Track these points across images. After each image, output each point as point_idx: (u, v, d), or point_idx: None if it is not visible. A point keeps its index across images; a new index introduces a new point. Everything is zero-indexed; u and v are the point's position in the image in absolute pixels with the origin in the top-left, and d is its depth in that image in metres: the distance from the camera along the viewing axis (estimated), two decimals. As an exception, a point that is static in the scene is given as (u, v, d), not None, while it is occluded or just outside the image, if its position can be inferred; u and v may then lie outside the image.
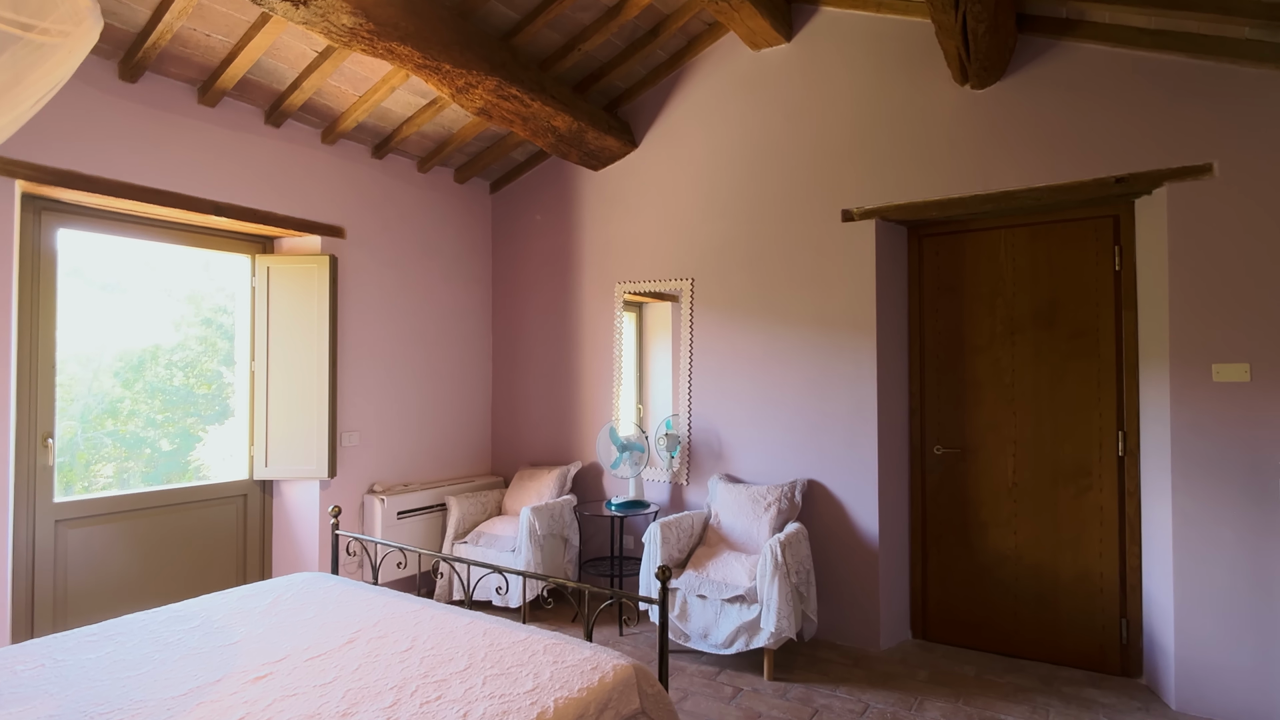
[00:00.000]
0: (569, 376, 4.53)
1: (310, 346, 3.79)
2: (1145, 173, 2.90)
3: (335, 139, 3.85)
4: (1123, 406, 3.16)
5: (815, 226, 3.64)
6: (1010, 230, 3.43)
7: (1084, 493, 3.24)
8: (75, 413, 3.40)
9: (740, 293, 3.88)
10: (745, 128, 3.87)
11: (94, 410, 3.51)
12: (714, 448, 3.96)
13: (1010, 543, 3.40)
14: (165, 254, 3.64)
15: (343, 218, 3.98)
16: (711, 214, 3.98)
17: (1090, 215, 3.24)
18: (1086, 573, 3.23)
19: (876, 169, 3.49)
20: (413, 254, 4.37)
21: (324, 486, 3.84)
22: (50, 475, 3.04)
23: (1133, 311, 3.14)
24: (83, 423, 3.45)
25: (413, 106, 3.83)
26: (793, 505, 3.50)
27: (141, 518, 3.37)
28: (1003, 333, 3.43)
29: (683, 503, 4.05)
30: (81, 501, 3.18)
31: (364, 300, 4.08)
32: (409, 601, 2.46)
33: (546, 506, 3.90)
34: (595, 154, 4.20)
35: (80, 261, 3.35)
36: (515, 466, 4.70)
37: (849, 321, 3.53)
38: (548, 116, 3.67)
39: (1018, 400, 3.39)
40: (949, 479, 3.56)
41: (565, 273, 4.56)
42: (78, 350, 3.38)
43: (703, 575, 3.28)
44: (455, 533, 4.11)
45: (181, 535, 3.52)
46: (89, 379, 3.49)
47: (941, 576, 3.57)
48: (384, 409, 4.17)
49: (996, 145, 3.20)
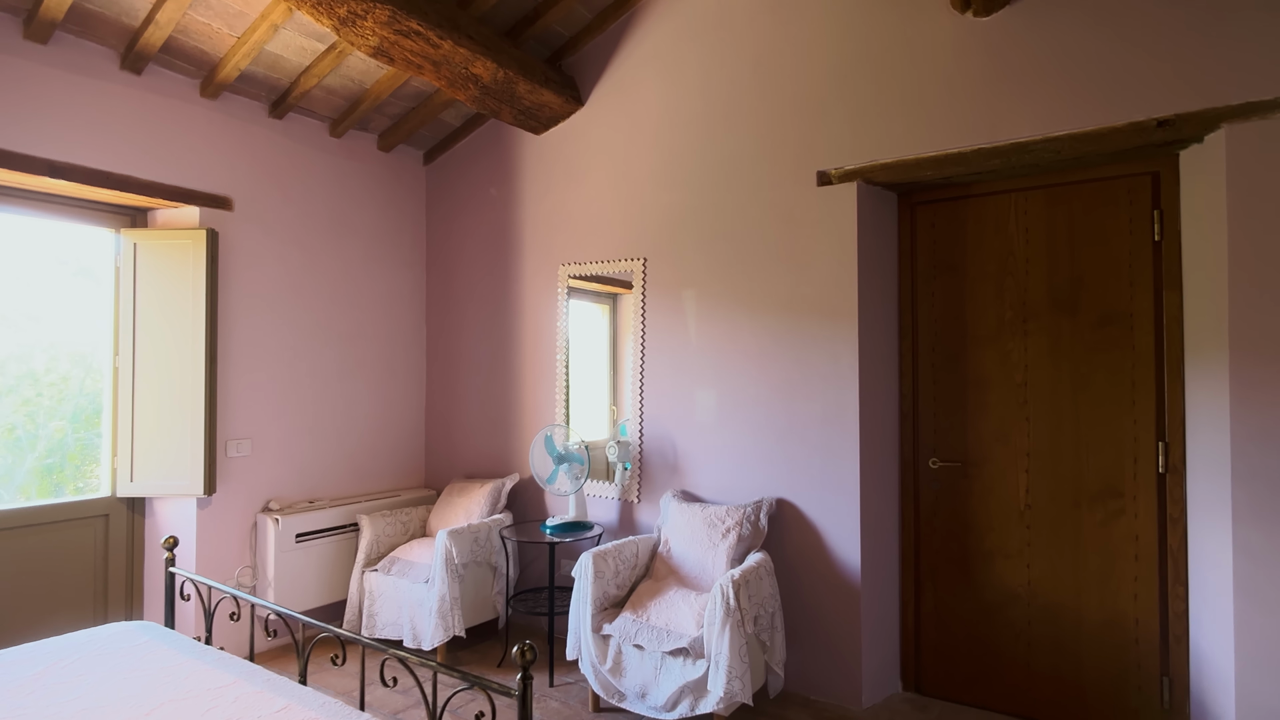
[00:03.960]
0: (507, 374, 3.91)
1: (185, 339, 3.18)
2: (1195, 113, 2.27)
3: (217, 91, 3.24)
4: (1164, 411, 2.53)
5: (785, 193, 3.02)
6: (1023, 194, 2.80)
7: (1114, 518, 2.61)
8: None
9: (699, 275, 3.25)
10: (706, 79, 3.25)
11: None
12: (668, 459, 3.33)
13: (1022, 577, 2.78)
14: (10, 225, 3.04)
15: (230, 187, 3.37)
16: (667, 183, 3.36)
17: (1123, 173, 2.61)
18: (1117, 618, 2.60)
19: (858, 121, 2.86)
20: (324, 232, 3.76)
21: (203, 505, 3.23)
22: None
23: (1177, 292, 2.51)
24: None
25: (308, 53, 3.22)
26: (756, 530, 2.88)
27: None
28: (1013, 320, 2.81)
29: (633, 524, 3.43)
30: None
31: (259, 284, 3.46)
32: (223, 673, 1.85)
33: (469, 529, 3.28)
34: (533, 113, 3.58)
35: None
36: (451, 479, 4.09)
37: (825, 308, 2.91)
38: (464, 61, 3.05)
39: (1032, 403, 2.76)
40: (948, 499, 2.94)
41: (505, 254, 3.94)
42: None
43: (641, 620, 2.66)
44: (366, 559, 3.49)
45: (24, 564, 2.91)
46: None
47: (938, 617, 2.95)
48: (285, 413, 3.55)
49: (1005, 85, 2.57)
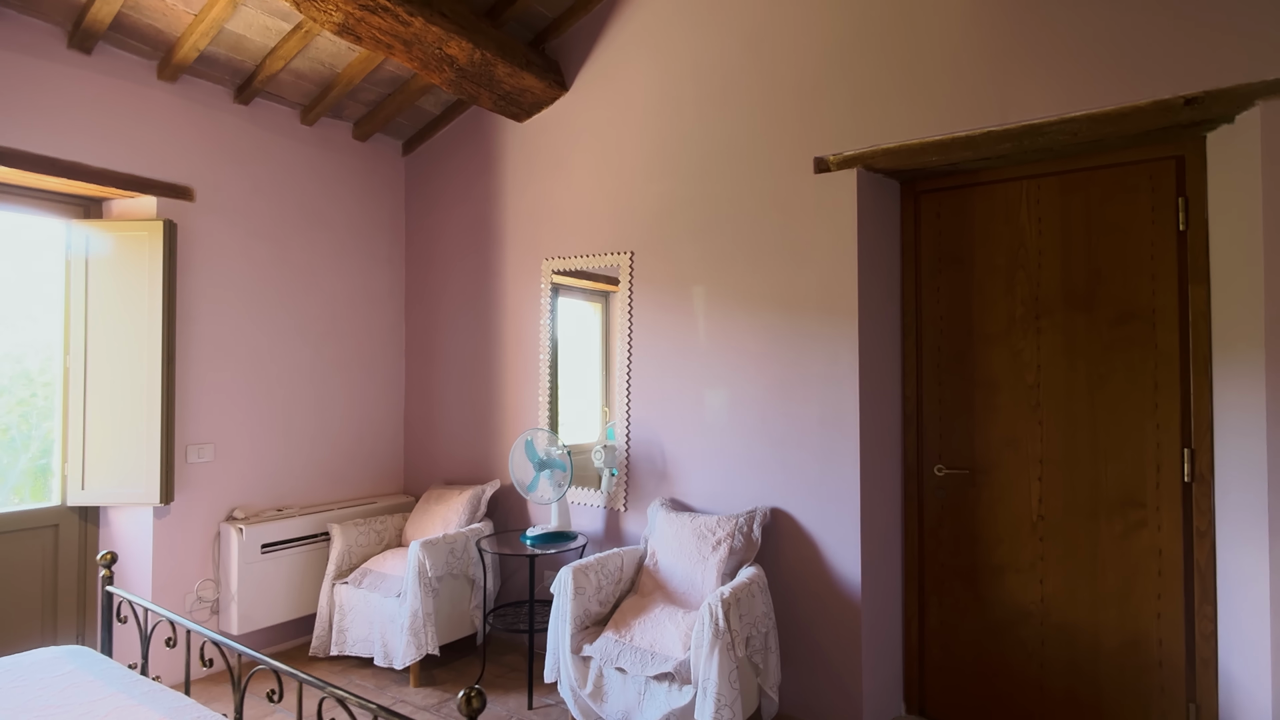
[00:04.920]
0: (489, 375, 3.71)
1: (140, 337, 2.99)
2: (1226, 89, 2.07)
3: (175, 74, 3.05)
4: (1189, 415, 2.34)
5: (780, 181, 2.82)
6: (1035, 180, 2.60)
7: (1135, 531, 2.42)
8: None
9: (689, 269, 3.06)
10: (696, 61, 3.05)
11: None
12: (657, 465, 3.14)
13: (1034, 594, 2.58)
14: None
15: (191, 176, 3.17)
16: (655, 171, 3.16)
17: (1145, 157, 2.41)
18: (1139, 638, 2.41)
19: (858, 103, 2.66)
20: (297, 225, 3.56)
21: (160, 515, 3.03)
22: None
23: (1204, 286, 2.31)
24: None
25: (273, 33, 3.02)
26: (749, 543, 2.68)
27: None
28: (1025, 317, 2.61)
29: (620, 534, 3.23)
30: None
31: (224, 279, 3.27)
32: (148, 710, 1.65)
33: (444, 540, 3.08)
34: (514, 98, 3.38)
35: None
36: (431, 485, 3.89)
37: (823, 304, 2.71)
38: (437, 41, 2.85)
39: (1044, 406, 2.57)
40: (954, 508, 2.74)
41: (487, 248, 3.74)
42: None
43: (624, 640, 2.46)
44: (337, 570, 3.29)
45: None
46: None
47: (944, 636, 2.75)
48: (252, 416, 3.36)
49: (1016, 62, 2.38)
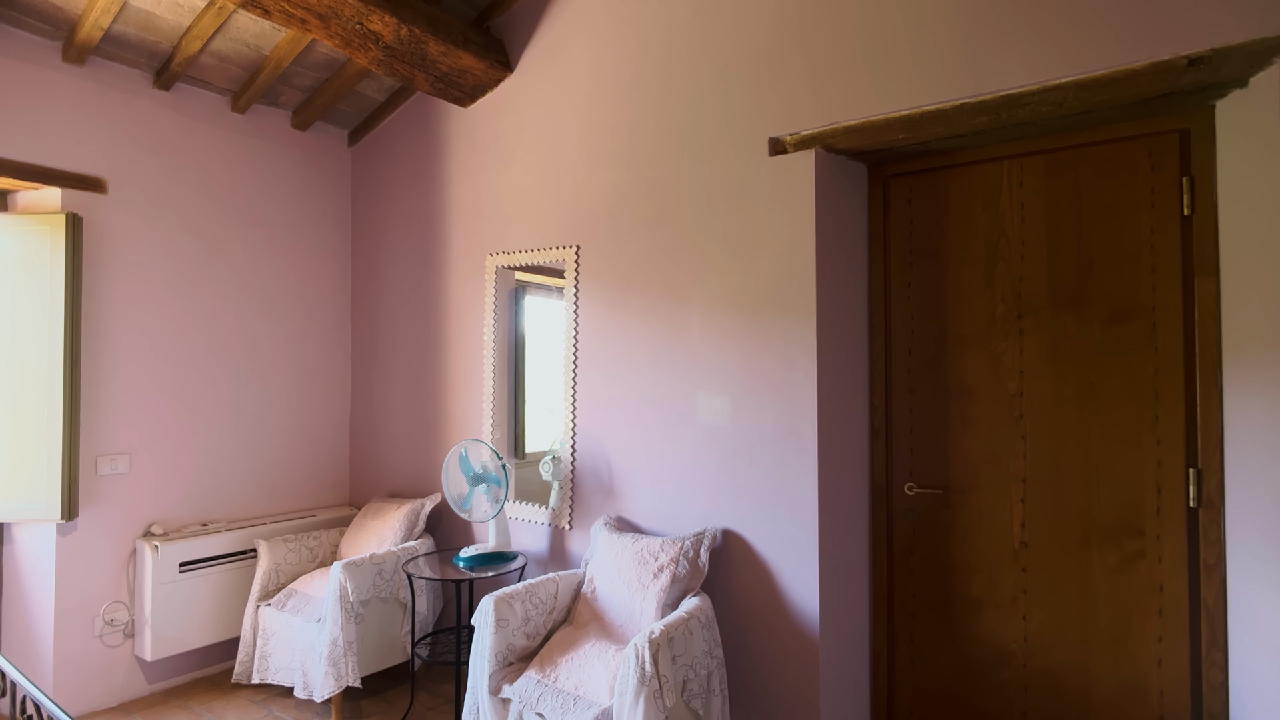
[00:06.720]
0: (434, 379, 3.45)
1: (40, 340, 2.76)
2: (1238, 46, 1.74)
3: (81, 56, 2.81)
4: (1195, 429, 2.01)
5: (733, 167, 2.53)
6: (1017, 161, 2.29)
7: (1132, 563, 2.10)
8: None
9: (635, 264, 2.77)
10: (646, 37, 2.77)
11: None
12: (603, 479, 2.85)
13: (1016, 631, 2.27)
14: None
15: (103, 166, 2.94)
16: (601, 159, 2.88)
17: (1143, 131, 2.09)
18: (1136, 687, 2.09)
19: (818, 75, 2.36)
20: (228, 220, 3.32)
21: (65, 531, 2.80)
22: None
23: (1211, 280, 1.99)
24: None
25: (186, 10, 2.77)
26: (694, 569, 2.39)
27: None
28: (1006, 316, 2.30)
29: (565, 554, 2.95)
30: None
31: (142, 277, 3.03)
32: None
33: (370, 560, 2.82)
34: (453, 80, 3.11)
35: None
36: (373, 497, 3.64)
37: (778, 302, 2.41)
38: (357, 15, 2.59)
39: (1029, 417, 2.25)
40: (927, 531, 2.43)
41: (432, 244, 3.48)
42: None
43: (547, 681, 2.18)
44: (262, 590, 3.04)
45: None
46: None
47: (914, 676, 2.44)
48: (175, 423, 3.12)
49: (994, 24, 2.06)
